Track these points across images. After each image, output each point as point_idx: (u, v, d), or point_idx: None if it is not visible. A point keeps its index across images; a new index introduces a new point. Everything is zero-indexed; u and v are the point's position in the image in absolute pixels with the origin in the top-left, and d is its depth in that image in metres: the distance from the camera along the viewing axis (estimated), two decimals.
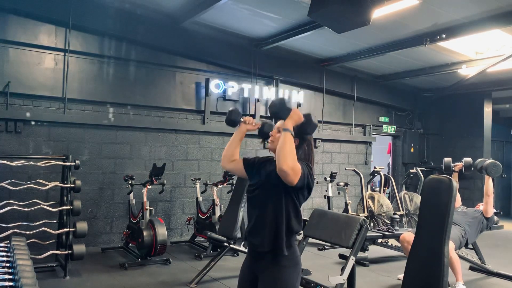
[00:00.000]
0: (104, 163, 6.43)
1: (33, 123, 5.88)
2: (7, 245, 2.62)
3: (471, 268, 5.54)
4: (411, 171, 8.49)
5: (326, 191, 7.58)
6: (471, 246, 5.27)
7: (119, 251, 6.18)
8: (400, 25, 6.16)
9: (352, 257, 3.61)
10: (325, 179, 7.56)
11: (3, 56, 5.69)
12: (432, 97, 10.39)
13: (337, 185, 7.59)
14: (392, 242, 6.67)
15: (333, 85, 8.84)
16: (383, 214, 7.19)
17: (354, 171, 7.77)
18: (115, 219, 6.53)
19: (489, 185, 5.06)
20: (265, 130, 2.46)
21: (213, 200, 6.47)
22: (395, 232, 5.85)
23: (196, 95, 7.26)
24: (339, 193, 7.84)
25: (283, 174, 2.10)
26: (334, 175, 7.46)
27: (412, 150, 10.43)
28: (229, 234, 5.16)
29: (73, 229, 4.88)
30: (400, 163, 10.45)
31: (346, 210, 7.31)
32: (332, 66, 8.41)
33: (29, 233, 4.65)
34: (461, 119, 10.14)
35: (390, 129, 10.11)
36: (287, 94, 8.11)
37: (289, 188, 2.20)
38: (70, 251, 4.82)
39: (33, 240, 4.59)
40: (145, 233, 5.46)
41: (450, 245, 4.01)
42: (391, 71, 8.99)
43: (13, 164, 4.87)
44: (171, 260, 5.66)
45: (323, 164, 8.87)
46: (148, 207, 5.68)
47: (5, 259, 2.34)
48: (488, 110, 9.80)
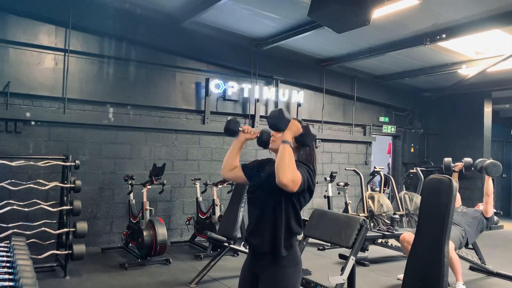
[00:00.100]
0: (104, 163, 6.44)
1: (33, 123, 5.88)
2: (7, 245, 2.62)
3: (471, 268, 5.54)
4: (411, 171, 8.49)
5: (326, 191, 7.58)
6: (471, 246, 5.27)
7: (119, 251, 6.19)
8: (400, 25, 6.15)
9: (352, 257, 3.61)
10: (325, 179, 7.56)
11: (3, 56, 5.69)
12: (432, 97, 10.40)
13: (337, 185, 7.59)
14: (392, 242, 6.67)
15: (333, 85, 8.84)
16: (383, 214, 7.19)
17: (354, 171, 7.77)
18: (115, 219, 6.54)
19: (489, 185, 5.06)
20: (264, 139, 2.45)
21: (213, 200, 6.47)
22: (395, 232, 5.86)
23: (196, 95, 7.26)
24: (339, 193, 7.84)
25: (283, 186, 2.09)
26: (334, 175, 7.46)
27: (412, 150, 10.42)
28: (229, 234, 5.16)
29: (73, 229, 4.88)
30: (400, 163, 10.45)
31: (346, 210, 7.31)
32: (332, 66, 8.41)
33: (29, 233, 4.65)
34: (461, 119, 10.14)
35: (390, 129, 10.11)
36: (287, 94, 8.12)
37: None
38: (70, 251, 4.82)
39: (33, 240, 4.59)
40: (145, 233, 5.46)
41: (450, 245, 4.00)
42: (391, 71, 8.99)
43: (13, 164, 4.87)
44: (171, 260, 5.66)
45: (323, 164, 8.87)
46: (148, 207, 5.68)
47: (5, 259, 2.34)
48: (488, 110, 9.80)
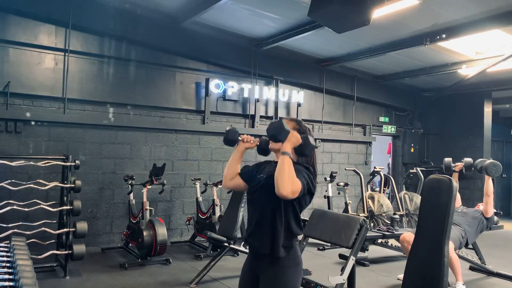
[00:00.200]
0: (104, 163, 6.43)
1: (33, 123, 5.88)
2: (7, 245, 2.62)
3: (471, 268, 5.54)
4: (411, 171, 8.49)
5: (326, 191, 7.58)
6: (471, 246, 5.27)
7: (119, 251, 6.18)
8: (400, 25, 6.15)
9: (352, 257, 3.61)
10: (325, 179, 7.56)
11: (3, 56, 5.69)
12: (432, 97, 10.40)
13: (337, 185, 7.59)
14: (392, 242, 6.67)
15: (333, 85, 8.84)
16: (383, 214, 7.19)
17: (354, 171, 7.77)
18: (115, 219, 6.53)
19: (489, 185, 5.06)
20: (263, 147, 2.46)
21: (213, 200, 6.47)
22: (395, 232, 5.85)
23: (196, 95, 7.26)
24: (339, 193, 7.84)
25: (282, 197, 2.10)
26: (334, 175, 7.46)
27: (412, 150, 10.42)
28: (229, 234, 5.16)
29: (73, 229, 4.88)
30: (400, 163, 10.45)
31: (346, 210, 7.31)
32: (332, 66, 8.40)
33: (29, 233, 4.65)
34: (461, 119, 10.14)
35: (390, 129, 10.11)
36: (287, 94, 8.12)
37: None
38: (70, 251, 4.82)
39: (33, 240, 4.59)
40: (145, 233, 5.46)
41: (450, 245, 4.00)
42: (391, 71, 8.99)
43: (13, 164, 4.87)
44: (171, 260, 5.66)
45: (323, 164, 8.87)
46: (148, 207, 5.68)
47: (5, 259, 2.34)
48: (488, 110, 9.80)
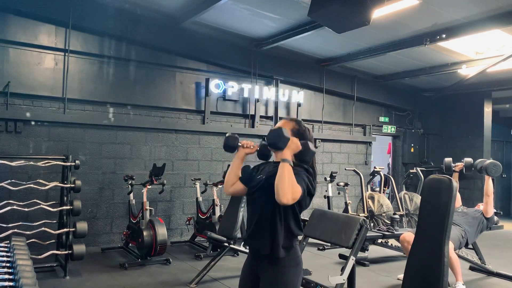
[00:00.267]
0: (104, 163, 6.43)
1: (33, 123, 5.88)
2: (7, 245, 2.62)
3: (471, 268, 5.54)
4: (411, 171, 8.49)
5: (326, 191, 7.58)
6: (471, 246, 5.27)
7: (119, 251, 6.18)
8: (400, 25, 6.15)
9: (352, 257, 3.61)
10: (325, 179, 7.56)
11: (3, 56, 5.69)
12: (432, 97, 10.39)
13: (337, 185, 7.59)
14: (392, 242, 6.67)
15: (333, 85, 8.84)
16: (383, 214, 7.19)
17: (354, 171, 7.76)
18: (115, 219, 6.53)
19: (489, 185, 5.06)
20: (263, 152, 2.45)
21: (213, 200, 6.47)
22: (395, 232, 5.85)
23: (196, 95, 7.26)
24: (339, 193, 7.84)
25: (282, 204, 2.10)
26: (334, 175, 7.46)
27: (412, 150, 10.42)
28: (229, 234, 5.16)
29: (73, 229, 4.88)
30: (400, 163, 10.45)
31: (346, 210, 7.31)
32: (332, 66, 8.40)
33: (29, 233, 4.65)
34: (461, 119, 10.14)
35: (390, 129, 10.10)
36: (287, 94, 8.12)
37: None
38: (70, 251, 4.82)
39: (33, 240, 4.59)
40: (145, 233, 5.46)
41: (450, 245, 4.00)
42: (391, 71, 8.99)
43: (13, 164, 4.87)
44: (171, 260, 5.66)
45: (323, 164, 8.87)
46: (148, 207, 5.68)
47: (5, 259, 2.33)
48: (488, 110, 9.80)
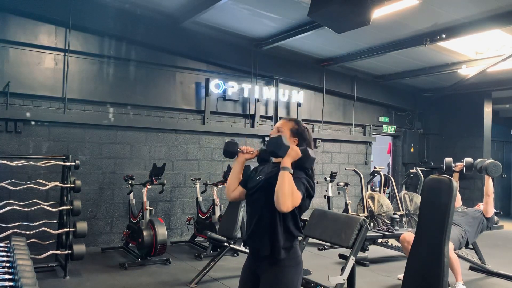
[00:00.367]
0: (104, 163, 6.43)
1: (33, 123, 5.88)
2: (7, 245, 2.62)
3: (471, 268, 5.54)
4: (411, 171, 8.49)
5: (326, 191, 7.58)
6: (471, 246, 5.26)
7: (119, 251, 6.18)
8: (400, 25, 6.15)
9: (352, 257, 3.61)
10: (325, 179, 7.56)
11: (3, 56, 5.69)
12: (432, 97, 10.39)
13: (337, 185, 7.59)
14: (392, 242, 6.67)
15: (333, 85, 8.84)
16: (383, 214, 7.19)
17: (354, 171, 7.76)
18: (115, 219, 6.53)
19: (489, 185, 5.06)
20: (263, 157, 2.45)
21: (213, 200, 6.47)
22: (395, 232, 5.85)
23: (196, 95, 7.26)
24: (339, 193, 7.84)
25: (282, 212, 2.11)
26: (334, 175, 7.46)
27: (412, 150, 10.42)
28: (229, 234, 5.16)
29: (73, 229, 4.88)
30: (400, 163, 10.45)
31: (346, 210, 7.31)
32: (332, 66, 8.40)
33: (29, 233, 4.65)
34: (461, 119, 10.14)
35: (390, 129, 10.10)
36: (287, 94, 8.12)
37: None
38: (70, 251, 4.82)
39: (33, 240, 4.59)
40: (145, 233, 5.46)
41: (450, 245, 4.00)
42: (391, 71, 8.99)
43: (13, 164, 4.87)
44: (171, 260, 5.66)
45: (323, 164, 8.87)
46: (148, 207, 5.68)
47: (5, 259, 2.33)
48: (488, 110, 9.80)
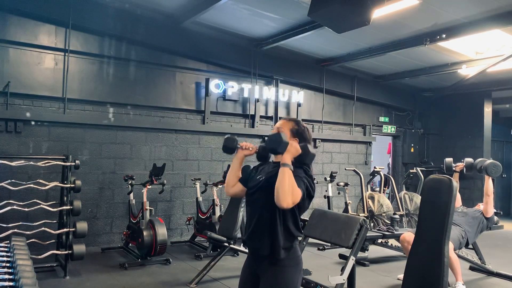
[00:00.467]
0: (104, 163, 6.43)
1: (33, 123, 5.87)
2: (7, 245, 2.62)
3: (471, 268, 5.54)
4: (411, 171, 8.49)
5: (326, 191, 7.58)
6: (471, 246, 5.26)
7: (119, 251, 6.18)
8: (400, 25, 6.15)
9: (352, 257, 3.61)
10: (325, 179, 7.56)
11: (3, 56, 5.69)
12: (432, 97, 10.40)
13: (337, 185, 7.59)
14: (392, 242, 6.67)
15: (333, 85, 8.84)
16: (383, 214, 7.19)
17: (354, 171, 7.76)
18: (115, 219, 6.53)
19: (489, 185, 5.06)
20: (262, 154, 2.46)
21: (213, 200, 6.47)
22: (395, 232, 5.85)
23: (196, 95, 7.26)
24: (339, 193, 7.84)
25: (282, 208, 2.11)
26: (334, 175, 7.46)
27: (412, 150, 10.42)
28: (229, 234, 5.16)
29: (73, 229, 4.88)
30: (400, 163, 10.45)
31: (346, 210, 7.31)
32: (332, 66, 8.40)
33: (29, 233, 4.65)
34: (461, 119, 10.14)
35: (390, 129, 10.11)
36: (287, 94, 8.12)
37: None
38: (70, 251, 4.82)
39: (33, 240, 4.59)
40: (145, 233, 5.46)
41: (450, 245, 4.00)
42: (391, 71, 8.99)
43: (13, 164, 4.87)
44: (171, 260, 5.66)
45: (323, 164, 8.87)
46: (148, 207, 5.68)
47: (5, 259, 2.33)
48: (488, 110, 9.80)
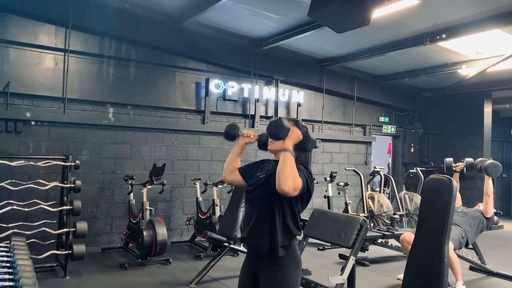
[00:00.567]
0: (104, 163, 6.43)
1: (33, 123, 5.87)
2: (7, 245, 2.62)
3: (471, 268, 5.54)
4: (411, 171, 8.49)
5: (326, 191, 7.58)
6: (471, 246, 5.26)
7: (119, 251, 6.18)
8: (400, 25, 6.15)
9: (352, 257, 3.61)
10: (325, 179, 7.56)
11: (3, 56, 5.69)
12: (432, 97, 10.39)
13: (337, 185, 7.59)
14: (392, 242, 6.67)
15: (333, 85, 8.84)
16: (383, 214, 7.19)
17: (354, 171, 7.76)
18: (115, 219, 6.53)
19: (489, 185, 5.06)
20: (263, 142, 2.46)
21: (213, 200, 6.47)
22: (395, 232, 5.85)
23: (196, 95, 7.26)
24: (339, 193, 7.84)
25: (283, 193, 2.10)
26: (334, 175, 7.46)
27: (412, 150, 10.42)
28: (229, 234, 5.16)
29: (73, 229, 4.88)
30: (400, 163, 10.45)
31: (346, 210, 7.31)
32: (332, 66, 8.40)
33: (29, 233, 4.65)
34: (461, 119, 10.14)
35: (390, 129, 10.11)
36: (287, 94, 8.12)
37: None
38: (70, 251, 4.82)
39: (33, 240, 4.59)
40: (145, 233, 5.46)
41: (450, 245, 4.00)
42: (391, 71, 8.99)
43: (13, 164, 4.87)
44: (171, 260, 5.66)
45: (323, 164, 8.87)
46: (148, 207, 5.68)
47: (5, 259, 2.33)
48: (488, 110, 9.80)
